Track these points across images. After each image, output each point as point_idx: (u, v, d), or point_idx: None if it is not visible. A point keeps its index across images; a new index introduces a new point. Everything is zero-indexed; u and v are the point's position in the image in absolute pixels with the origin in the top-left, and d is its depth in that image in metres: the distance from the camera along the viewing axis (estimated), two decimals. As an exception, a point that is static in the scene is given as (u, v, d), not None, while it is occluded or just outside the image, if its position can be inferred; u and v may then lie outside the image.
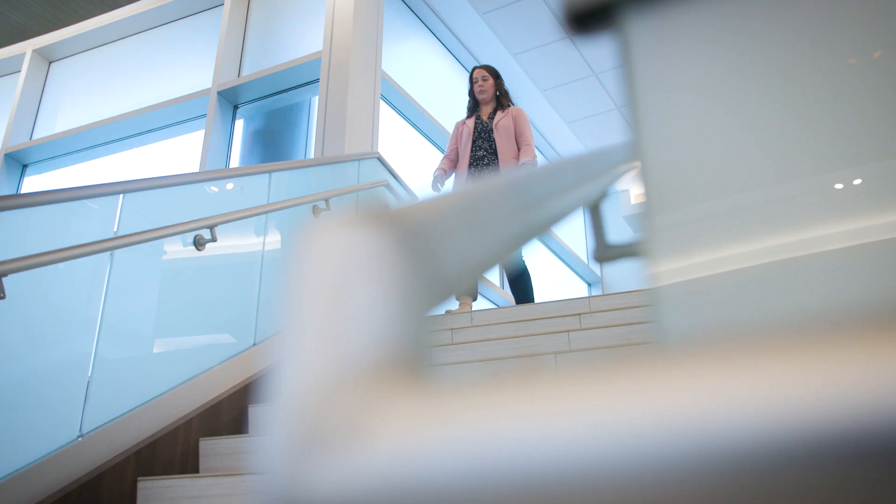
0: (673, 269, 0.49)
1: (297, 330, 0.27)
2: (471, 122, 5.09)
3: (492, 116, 5.04)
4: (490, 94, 5.09)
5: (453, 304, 5.20)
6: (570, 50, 7.43)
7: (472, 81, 5.18)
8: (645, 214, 0.48)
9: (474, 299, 4.95)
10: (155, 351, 3.23)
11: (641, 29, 0.46)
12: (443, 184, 5.08)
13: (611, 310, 3.90)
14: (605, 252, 0.90)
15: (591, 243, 0.93)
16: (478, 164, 4.94)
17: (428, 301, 0.29)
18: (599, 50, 7.41)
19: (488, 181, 0.50)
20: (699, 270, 0.49)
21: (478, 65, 5.34)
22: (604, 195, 0.97)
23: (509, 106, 5.10)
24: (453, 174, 5.17)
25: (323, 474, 0.24)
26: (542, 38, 7.28)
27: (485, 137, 4.99)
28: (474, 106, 5.16)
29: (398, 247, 0.28)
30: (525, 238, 0.53)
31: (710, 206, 0.49)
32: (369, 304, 0.27)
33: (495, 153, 4.93)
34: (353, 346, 0.26)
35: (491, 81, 5.12)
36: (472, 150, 4.98)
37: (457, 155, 5.12)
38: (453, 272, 0.35)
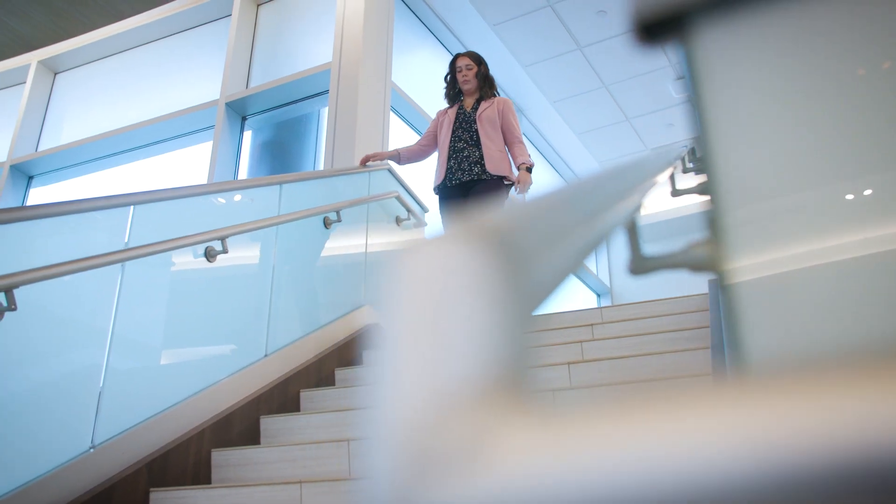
0: (749, 265, 0.48)
1: (400, 352, 0.26)
2: (452, 112, 4.71)
3: (475, 107, 4.67)
4: (474, 84, 4.70)
5: None
6: (580, 61, 7.43)
7: (454, 69, 4.78)
8: (715, 215, 0.47)
9: None
10: (166, 362, 3.21)
11: (712, 37, 0.45)
12: (401, 162, 4.87)
13: (624, 320, 3.89)
14: (642, 264, 0.88)
15: (627, 255, 0.91)
16: (457, 156, 4.55)
17: (527, 317, 0.28)
18: (610, 61, 7.42)
19: (566, 184, 0.49)
20: (779, 267, 0.48)
21: (460, 52, 4.95)
22: (640, 206, 0.95)
23: (494, 96, 4.73)
24: (421, 158, 4.90)
25: (437, 501, 0.22)
26: (552, 50, 7.28)
27: (466, 128, 4.60)
28: (456, 95, 4.78)
29: (498, 262, 0.27)
30: (594, 246, 0.52)
31: (784, 204, 0.48)
32: (474, 323, 0.25)
33: (476, 145, 4.54)
34: (460, 368, 0.24)
35: (475, 70, 4.73)
36: (451, 141, 4.60)
37: (430, 142, 4.81)
38: (543, 285, 0.34)
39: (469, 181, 4.46)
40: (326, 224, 4.37)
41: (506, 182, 4.51)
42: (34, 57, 7.86)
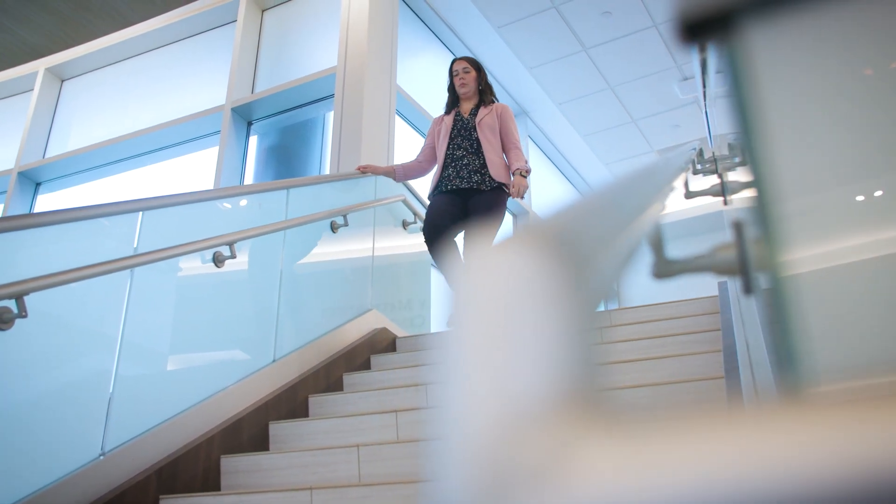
0: (805, 257, 0.47)
1: (469, 364, 0.25)
2: (449, 119, 4.55)
3: (474, 113, 4.50)
4: (472, 89, 4.54)
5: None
6: (585, 63, 7.42)
7: (451, 74, 4.61)
8: (763, 216, 0.46)
9: None
10: (175, 368, 3.20)
11: (759, 36, 0.44)
12: (397, 179, 4.72)
13: (633, 323, 3.87)
14: (665, 268, 0.87)
15: (649, 259, 0.89)
16: (456, 165, 4.39)
17: (592, 323, 0.27)
18: (616, 62, 7.40)
19: (602, 187, 0.48)
20: (833, 259, 0.47)
21: (457, 56, 4.80)
22: (663, 209, 0.93)
23: (493, 102, 4.56)
24: (420, 174, 4.74)
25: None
26: (557, 52, 7.27)
27: (465, 135, 4.44)
28: (453, 101, 4.61)
29: (563, 266, 0.26)
30: (636, 248, 0.50)
31: (838, 202, 0.47)
32: (544, 331, 0.24)
33: (476, 153, 4.39)
34: (533, 379, 0.23)
35: (473, 74, 4.55)
36: (448, 149, 4.45)
37: (429, 156, 4.65)
38: (602, 288, 0.33)
39: (468, 189, 4.33)
40: (333, 228, 4.37)
41: (506, 189, 4.37)
42: (42, 64, 7.88)
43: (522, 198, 4.42)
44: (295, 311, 3.95)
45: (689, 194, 1.83)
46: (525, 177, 4.31)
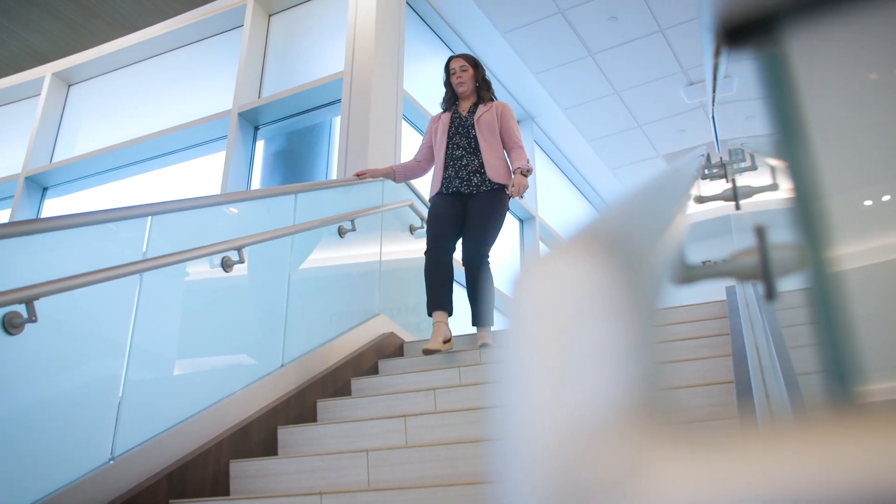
0: (853, 258, 0.46)
1: (533, 378, 0.24)
2: (446, 117, 4.40)
3: (472, 111, 4.35)
4: (470, 87, 4.38)
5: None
6: (591, 68, 7.42)
7: (448, 72, 4.46)
8: (807, 220, 0.46)
9: (450, 314, 4.12)
10: (184, 372, 3.21)
11: (802, 40, 0.44)
12: (397, 180, 4.58)
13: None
14: (686, 273, 0.86)
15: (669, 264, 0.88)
16: (455, 165, 4.25)
17: (651, 329, 0.27)
18: (622, 67, 7.40)
19: (636, 191, 0.47)
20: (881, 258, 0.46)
21: (454, 54, 4.64)
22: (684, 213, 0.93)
23: (492, 100, 4.42)
24: (420, 174, 4.63)
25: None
26: (563, 57, 7.28)
27: (463, 134, 4.30)
28: (451, 99, 4.46)
29: (618, 271, 0.26)
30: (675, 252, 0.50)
31: (880, 200, 0.47)
32: (605, 341, 0.24)
33: (475, 152, 4.25)
34: (599, 389, 0.23)
35: (470, 72, 4.40)
36: (447, 149, 4.31)
37: (427, 156, 4.52)
38: (658, 291, 0.33)
39: (469, 192, 4.21)
40: (341, 233, 4.37)
41: (507, 191, 4.23)
42: (48, 69, 7.90)
43: (522, 197, 4.29)
44: (303, 316, 3.95)
45: (700, 199, 1.83)
46: (526, 176, 4.16)
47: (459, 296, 4.20)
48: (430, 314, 4.09)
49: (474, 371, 3.70)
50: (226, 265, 3.38)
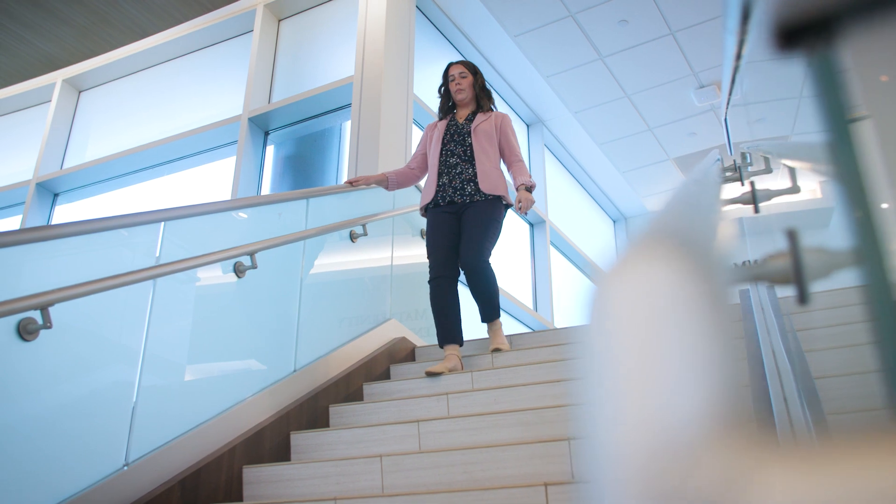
0: None
1: (622, 388, 0.23)
2: (442, 125, 4.25)
3: (470, 119, 4.21)
4: (469, 94, 4.22)
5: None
6: (602, 71, 7.41)
7: (447, 79, 4.31)
8: (870, 224, 0.44)
9: (461, 345, 3.97)
10: (197, 378, 3.20)
11: (862, 42, 0.43)
12: (389, 188, 4.36)
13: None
14: (740, 275, 0.85)
15: None
16: (449, 173, 4.09)
17: (728, 336, 0.26)
18: (632, 70, 7.39)
19: (680, 197, 0.46)
20: None
21: (454, 60, 4.47)
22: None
23: (492, 110, 4.28)
24: (413, 182, 4.46)
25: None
26: (573, 60, 7.27)
27: (458, 141, 4.13)
28: (448, 106, 4.32)
29: (696, 276, 0.25)
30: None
31: None
32: (692, 348, 0.23)
33: (470, 161, 4.08)
34: (691, 400, 0.22)
35: (470, 79, 4.25)
36: (441, 156, 4.14)
37: (421, 163, 4.35)
38: (727, 294, 0.32)
39: (462, 203, 4.04)
40: (353, 238, 4.37)
41: (503, 203, 4.06)
42: (59, 76, 7.93)
43: (526, 215, 4.12)
44: (315, 321, 3.95)
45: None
46: (530, 191, 3.98)
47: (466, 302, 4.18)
48: (441, 346, 3.96)
49: (487, 376, 3.68)
50: (238, 270, 3.38)
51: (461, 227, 4.00)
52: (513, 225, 7.69)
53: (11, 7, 6.90)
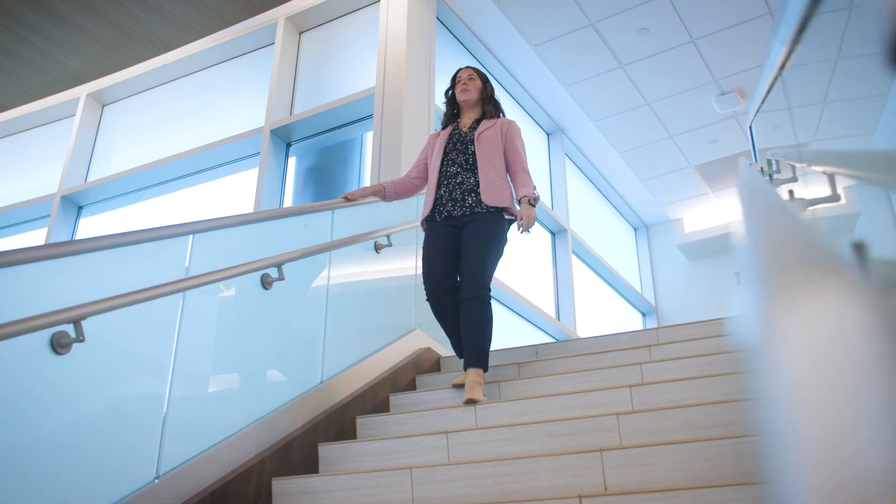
0: None
1: (821, 420, 0.23)
2: (445, 133, 3.99)
3: (474, 127, 3.94)
4: (474, 96, 3.97)
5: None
6: (622, 79, 7.39)
7: (454, 82, 4.07)
8: None
9: (485, 370, 3.62)
10: (225, 390, 3.21)
11: None
12: (387, 199, 4.07)
13: (681, 341, 3.81)
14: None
15: None
16: (449, 183, 3.81)
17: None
18: (652, 78, 7.36)
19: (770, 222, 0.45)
20: None
21: (463, 66, 4.24)
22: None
23: (498, 117, 4.00)
24: (413, 192, 4.17)
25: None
26: (594, 69, 7.26)
27: (460, 150, 3.86)
28: (452, 114, 4.06)
29: (874, 306, 0.24)
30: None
31: None
32: (886, 376, 0.22)
33: (471, 170, 3.79)
34: (884, 436, 0.21)
35: (478, 83, 4.01)
36: (442, 165, 3.86)
37: (422, 173, 4.07)
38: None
39: (462, 216, 3.74)
40: (377, 248, 4.37)
41: (506, 216, 3.77)
42: (83, 90, 8.02)
43: (529, 232, 3.69)
44: (341, 332, 3.95)
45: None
46: (533, 205, 3.68)
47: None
48: (460, 357, 3.80)
49: (514, 386, 3.67)
50: (265, 282, 3.39)
51: (461, 244, 3.71)
52: (534, 234, 7.67)
53: (38, 23, 6.99)
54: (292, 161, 6.50)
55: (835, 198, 1.40)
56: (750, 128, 4.40)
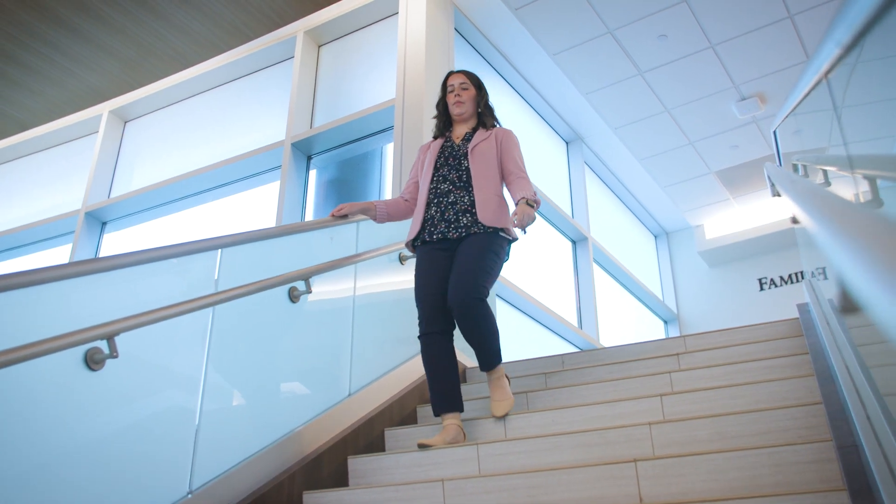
0: None
1: None
2: (436, 146, 3.65)
3: (468, 139, 3.59)
4: (469, 109, 3.64)
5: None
6: (641, 87, 7.37)
7: (445, 90, 3.71)
8: None
9: (461, 412, 3.35)
10: (255, 404, 3.21)
11: None
12: (378, 219, 3.70)
13: (710, 349, 3.79)
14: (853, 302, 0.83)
15: (837, 292, 0.85)
16: (440, 202, 3.48)
17: None
18: (672, 85, 7.34)
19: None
20: None
21: (454, 70, 3.92)
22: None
23: (494, 126, 3.66)
24: (407, 216, 3.75)
25: None
26: (613, 76, 7.24)
27: (453, 165, 3.52)
28: (444, 124, 3.70)
29: None
30: None
31: None
32: None
33: (465, 187, 3.46)
34: None
35: (472, 92, 3.65)
36: (432, 183, 3.53)
37: (416, 192, 3.70)
38: None
39: (458, 238, 3.42)
40: (401, 260, 4.37)
41: (502, 234, 3.42)
42: (106, 107, 8.10)
43: (525, 231, 3.27)
44: (368, 344, 3.95)
45: (795, 219, 1.77)
46: (532, 207, 3.28)
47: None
48: (437, 415, 3.36)
49: (541, 397, 3.65)
50: (292, 295, 3.39)
51: (454, 260, 3.39)
52: (555, 242, 7.66)
53: (60, 41, 7.07)
54: (313, 174, 6.52)
55: (877, 203, 1.38)
56: (774, 133, 4.38)
